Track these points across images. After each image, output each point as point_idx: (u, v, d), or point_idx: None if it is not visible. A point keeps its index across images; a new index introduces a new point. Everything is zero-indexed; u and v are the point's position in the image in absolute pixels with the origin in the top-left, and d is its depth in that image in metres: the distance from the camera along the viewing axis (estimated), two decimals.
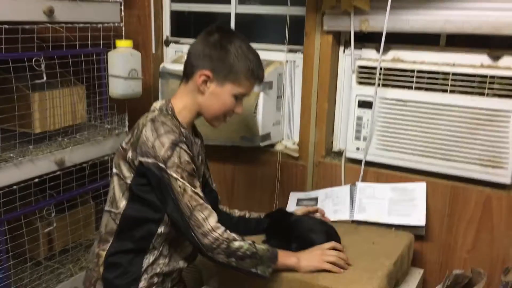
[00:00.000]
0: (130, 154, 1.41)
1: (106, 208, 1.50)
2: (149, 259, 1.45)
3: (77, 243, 2.22)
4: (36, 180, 1.87)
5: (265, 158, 2.17)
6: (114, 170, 1.47)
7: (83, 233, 2.22)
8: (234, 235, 1.37)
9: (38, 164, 1.86)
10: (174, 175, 1.34)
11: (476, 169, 1.73)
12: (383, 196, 1.85)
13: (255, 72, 1.46)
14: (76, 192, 2.10)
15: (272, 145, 2.17)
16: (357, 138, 1.95)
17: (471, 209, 1.77)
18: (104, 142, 2.12)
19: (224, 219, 1.54)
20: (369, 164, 1.94)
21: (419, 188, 1.82)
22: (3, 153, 1.80)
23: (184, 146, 1.38)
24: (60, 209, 2.06)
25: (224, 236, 1.34)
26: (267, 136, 2.10)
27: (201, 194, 1.37)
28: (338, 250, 1.50)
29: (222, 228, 1.36)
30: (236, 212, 1.75)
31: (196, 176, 1.40)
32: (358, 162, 1.95)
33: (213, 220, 1.35)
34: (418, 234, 1.79)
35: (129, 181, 1.42)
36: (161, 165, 1.34)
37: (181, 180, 1.35)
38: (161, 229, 1.44)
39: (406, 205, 1.80)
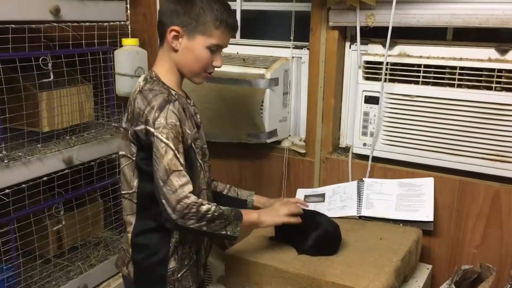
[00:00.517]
0: (130, 129, 1.41)
1: (123, 192, 1.50)
2: (175, 238, 1.45)
3: (86, 241, 2.24)
4: (45, 178, 1.89)
5: (272, 154, 2.17)
6: (121, 152, 1.46)
7: (92, 230, 2.24)
8: (201, 199, 1.35)
9: (46, 163, 1.87)
10: (159, 135, 1.32)
11: (484, 164, 1.72)
12: (391, 191, 1.85)
13: (224, 20, 1.41)
14: (85, 190, 2.12)
15: (279, 142, 2.17)
16: (364, 133, 1.94)
17: (479, 204, 1.75)
18: (111, 140, 2.13)
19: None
20: (376, 159, 1.93)
21: (427, 184, 1.82)
22: (11, 152, 1.82)
23: (173, 107, 1.36)
24: (69, 207, 2.08)
25: (193, 200, 1.31)
26: (273, 133, 2.10)
27: (182, 161, 1.34)
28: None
29: (194, 199, 1.32)
30: (218, 187, 1.71)
31: (181, 142, 1.37)
32: (365, 157, 1.95)
33: (187, 188, 1.32)
34: (426, 229, 1.78)
35: (134, 158, 1.42)
36: (151, 129, 1.33)
37: (166, 140, 1.32)
38: None
39: (414, 200, 1.80)
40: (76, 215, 2.11)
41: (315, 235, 1.54)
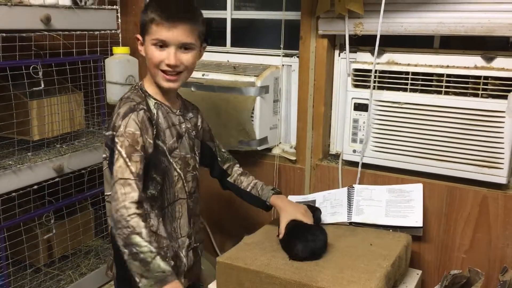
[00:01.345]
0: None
1: (105, 194, 1.52)
2: None
3: (77, 249, 2.23)
4: (35, 187, 1.88)
5: (262, 162, 2.19)
6: (103, 155, 1.48)
7: (82, 239, 2.23)
8: (143, 229, 1.25)
9: (37, 171, 1.87)
10: (117, 142, 1.35)
11: (472, 170, 1.74)
12: (381, 198, 1.86)
13: (155, 12, 1.41)
14: (75, 199, 2.11)
15: (270, 149, 2.18)
16: (354, 140, 1.96)
17: (467, 210, 1.78)
18: (102, 148, 2.13)
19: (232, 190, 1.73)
20: (366, 166, 1.95)
21: (416, 189, 1.83)
22: (2, 161, 1.81)
23: (135, 116, 1.37)
24: (59, 216, 2.08)
25: (130, 223, 1.25)
26: (264, 140, 2.11)
27: (132, 169, 1.32)
28: None
29: (134, 212, 1.26)
30: (244, 184, 1.74)
31: (139, 151, 1.35)
32: (355, 164, 1.97)
33: (130, 197, 1.28)
34: (416, 235, 1.80)
35: (107, 162, 1.45)
36: (114, 133, 1.37)
37: (119, 148, 1.34)
38: (147, 207, 1.43)
39: (404, 206, 1.81)
40: (67, 224, 2.11)
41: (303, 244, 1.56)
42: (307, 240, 1.56)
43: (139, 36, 1.49)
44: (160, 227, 1.48)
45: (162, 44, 1.42)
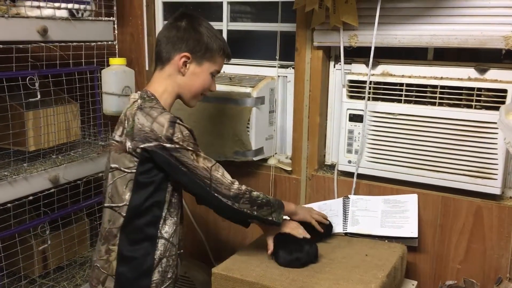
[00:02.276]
0: (129, 144, 1.45)
1: (107, 204, 1.52)
2: (160, 250, 1.49)
3: (72, 261, 2.22)
4: (31, 198, 1.88)
5: (258, 172, 2.19)
6: (113, 165, 1.49)
7: (77, 250, 2.22)
8: (248, 188, 1.51)
9: (32, 182, 1.87)
10: (183, 147, 1.43)
11: (466, 180, 1.75)
12: (376, 208, 1.87)
13: (226, 50, 1.60)
14: (71, 209, 2.11)
15: (265, 160, 2.19)
16: (349, 151, 1.97)
17: (462, 220, 1.79)
18: (98, 159, 2.13)
19: None
20: (361, 176, 1.96)
21: (411, 200, 1.84)
22: None
23: (181, 122, 1.46)
24: (55, 227, 2.07)
25: (244, 188, 1.50)
26: (260, 151, 2.12)
27: (209, 157, 1.49)
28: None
29: (237, 183, 1.50)
30: None
31: (198, 145, 1.50)
32: (351, 175, 1.98)
33: (228, 175, 1.50)
34: (411, 245, 1.80)
35: (132, 171, 1.46)
36: (167, 145, 1.42)
37: (191, 149, 1.45)
38: (164, 212, 1.49)
39: (399, 217, 1.82)
40: (62, 235, 2.10)
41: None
42: (290, 250, 1.58)
43: (189, 55, 1.53)
44: (174, 236, 1.53)
45: (215, 74, 1.60)
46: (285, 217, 1.91)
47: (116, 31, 2.27)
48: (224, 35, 2.30)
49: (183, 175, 1.44)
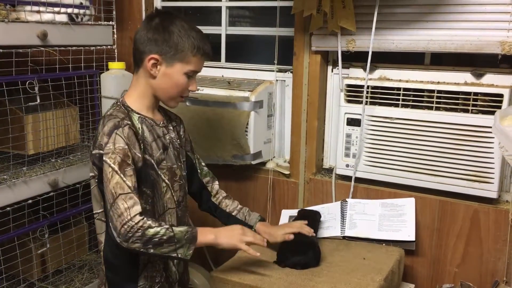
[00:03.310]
0: (92, 152, 1.45)
1: (94, 212, 1.52)
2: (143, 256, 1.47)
3: (71, 264, 2.22)
4: (30, 201, 1.88)
5: (256, 176, 2.20)
6: (90, 174, 1.48)
7: (76, 253, 2.22)
8: (150, 222, 1.35)
9: (31, 186, 1.87)
10: (108, 160, 1.37)
11: (463, 184, 1.76)
12: (373, 212, 1.88)
13: (201, 47, 1.48)
14: (70, 213, 2.11)
15: (264, 163, 2.20)
16: (347, 155, 1.98)
17: (459, 224, 1.80)
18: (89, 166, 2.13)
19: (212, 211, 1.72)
20: (359, 180, 1.97)
21: (408, 204, 1.85)
22: None
23: (121, 132, 1.39)
24: (53, 230, 2.07)
25: (139, 225, 1.33)
26: (258, 154, 2.13)
27: (129, 183, 1.36)
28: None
29: (140, 218, 1.34)
30: (230, 208, 1.72)
31: (131, 164, 1.39)
32: (348, 178, 1.99)
33: (134, 211, 1.34)
34: (409, 249, 1.81)
35: (96, 180, 1.46)
36: (101, 152, 1.39)
37: (112, 165, 1.36)
38: None
39: (396, 220, 1.83)
40: (61, 238, 2.10)
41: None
42: (297, 252, 1.59)
43: (157, 57, 1.45)
44: None
45: (192, 75, 1.50)
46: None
47: (115, 35, 2.28)
48: (223, 39, 2.31)
49: (104, 186, 1.39)
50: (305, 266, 1.60)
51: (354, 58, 1.95)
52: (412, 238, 1.78)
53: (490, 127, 1.67)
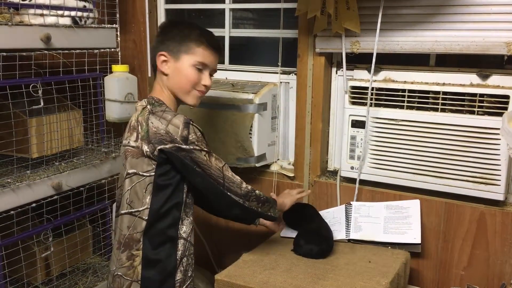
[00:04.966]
0: (146, 148, 1.47)
1: (124, 211, 1.53)
2: (181, 250, 1.53)
3: (75, 267, 2.22)
4: (34, 204, 1.88)
5: (261, 178, 2.19)
6: (131, 170, 1.51)
7: (80, 257, 2.22)
8: (251, 187, 1.59)
9: (35, 189, 1.87)
10: (198, 147, 1.47)
11: (469, 186, 1.75)
12: (378, 214, 1.87)
13: (204, 38, 1.55)
14: (73, 216, 2.11)
15: (268, 166, 2.19)
16: (351, 157, 1.97)
17: (465, 226, 1.78)
18: (101, 165, 2.14)
19: None
20: (363, 182, 1.96)
21: (413, 206, 1.84)
22: (1, 179, 1.82)
23: (194, 123, 1.50)
24: (57, 234, 2.07)
25: (250, 187, 1.58)
26: (262, 157, 2.12)
27: (221, 159, 1.55)
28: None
29: (245, 183, 1.57)
30: None
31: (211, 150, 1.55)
32: (353, 181, 1.97)
33: (235, 175, 1.56)
34: (414, 251, 1.80)
35: (151, 174, 1.48)
36: (182, 146, 1.45)
37: (205, 149, 1.49)
38: (182, 213, 1.53)
39: (401, 223, 1.82)
40: (65, 242, 2.10)
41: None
42: (320, 243, 1.72)
43: (165, 53, 1.54)
44: (191, 235, 1.57)
45: (202, 68, 1.56)
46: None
47: (118, 38, 2.28)
48: (227, 41, 2.31)
49: (197, 175, 1.48)
50: (319, 254, 1.70)
51: (358, 60, 1.94)
52: (418, 240, 1.77)
53: (496, 128, 1.67)
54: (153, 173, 1.48)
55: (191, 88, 1.57)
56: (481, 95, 1.69)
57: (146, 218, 1.50)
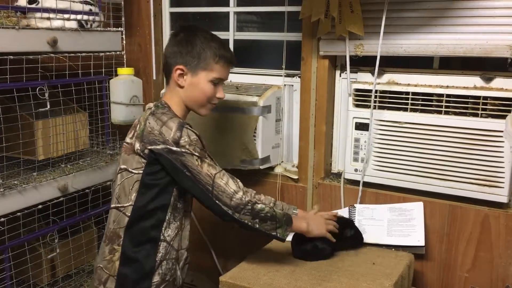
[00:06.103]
0: (137, 145, 1.50)
1: (113, 205, 1.56)
2: (161, 252, 1.52)
3: (80, 269, 2.23)
4: (40, 206, 1.90)
5: (265, 180, 2.20)
6: (122, 166, 1.54)
7: (85, 258, 2.23)
8: (255, 197, 1.57)
9: (41, 191, 1.89)
10: (189, 151, 1.46)
11: (473, 189, 1.75)
12: (382, 217, 1.87)
13: (222, 55, 1.59)
14: (79, 218, 2.12)
15: (272, 168, 2.20)
16: (355, 159, 1.98)
17: (469, 228, 1.78)
18: (106, 167, 2.15)
19: None
20: (367, 185, 1.97)
21: (416, 208, 1.84)
22: (7, 181, 1.83)
23: (189, 127, 1.50)
24: (63, 235, 2.09)
25: (247, 199, 1.49)
26: (266, 159, 2.13)
27: (215, 164, 1.52)
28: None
29: (242, 191, 1.50)
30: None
31: (207, 153, 1.53)
32: (357, 183, 1.98)
33: (232, 183, 1.50)
34: (418, 253, 1.80)
35: (139, 172, 1.50)
36: (173, 148, 1.46)
37: (196, 154, 1.47)
38: (168, 216, 1.52)
39: (405, 225, 1.82)
40: (70, 243, 2.11)
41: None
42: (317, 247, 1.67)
43: (183, 67, 1.56)
44: (175, 239, 1.56)
45: (218, 82, 1.60)
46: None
47: (124, 41, 2.30)
48: (231, 44, 2.32)
49: (186, 179, 1.47)
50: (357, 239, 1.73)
51: (362, 63, 1.95)
52: (422, 243, 1.77)
53: (500, 131, 1.67)
54: (142, 171, 1.50)
55: (206, 102, 1.61)
56: (485, 98, 1.70)
57: (129, 214, 1.51)
